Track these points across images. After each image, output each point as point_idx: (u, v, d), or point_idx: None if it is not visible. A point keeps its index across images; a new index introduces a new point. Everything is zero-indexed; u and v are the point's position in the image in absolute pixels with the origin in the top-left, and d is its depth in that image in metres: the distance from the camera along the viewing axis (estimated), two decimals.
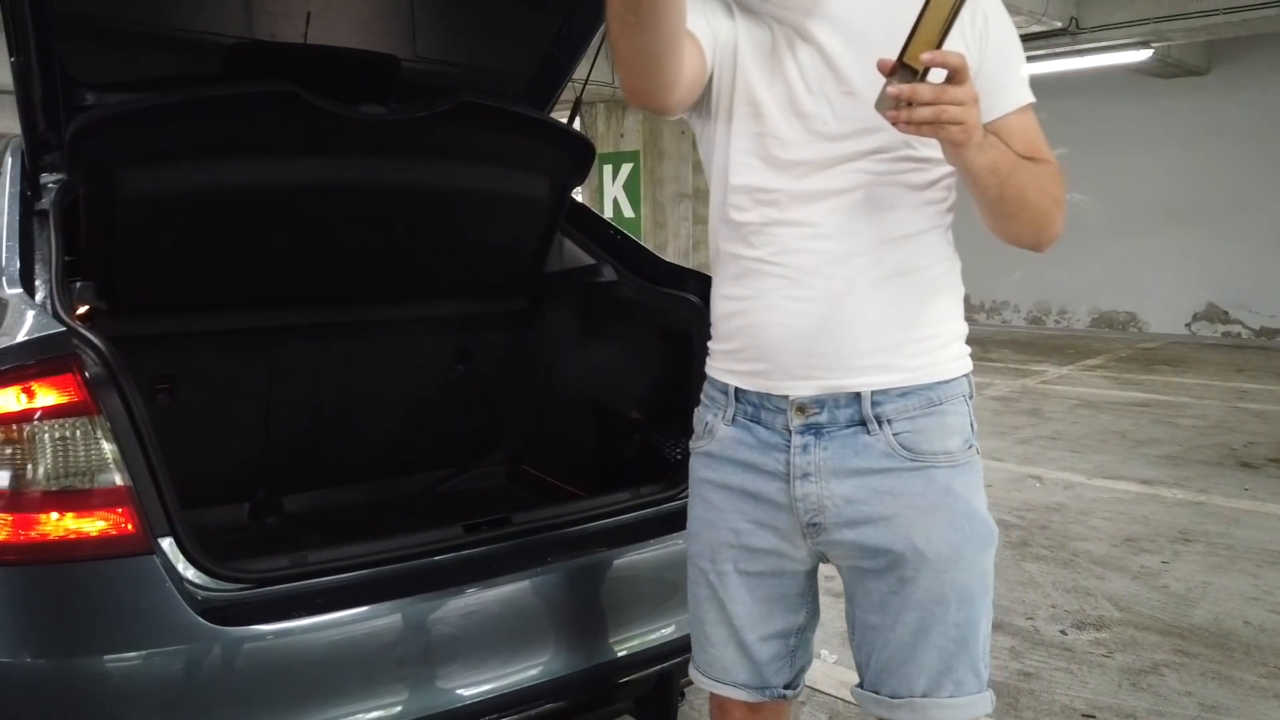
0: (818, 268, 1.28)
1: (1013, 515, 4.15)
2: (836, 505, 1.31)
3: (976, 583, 1.33)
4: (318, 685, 1.42)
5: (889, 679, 1.33)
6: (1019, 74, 1.30)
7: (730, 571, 1.40)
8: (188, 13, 1.99)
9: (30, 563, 1.32)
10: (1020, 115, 1.30)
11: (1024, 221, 1.28)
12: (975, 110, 1.11)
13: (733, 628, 1.41)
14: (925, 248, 1.32)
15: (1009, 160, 1.21)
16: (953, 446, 1.32)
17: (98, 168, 1.84)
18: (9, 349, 1.38)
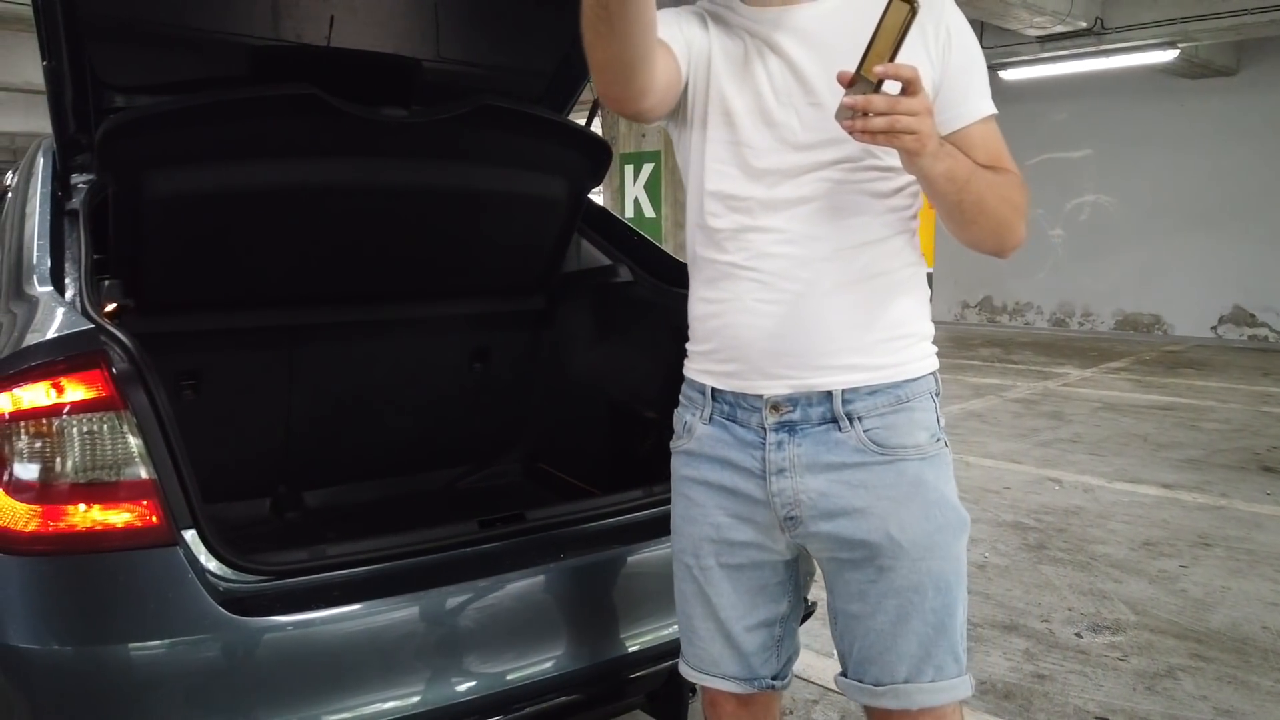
0: (787, 271, 1.33)
1: (1031, 518, 4.15)
2: (811, 499, 1.36)
3: (951, 569, 1.37)
4: (334, 675, 1.46)
5: (870, 667, 1.38)
6: (981, 86, 1.35)
7: (713, 565, 1.45)
8: (215, 15, 2.03)
9: (59, 553, 1.36)
10: (983, 126, 1.35)
11: (983, 228, 1.32)
12: (928, 120, 1.16)
13: (718, 620, 1.46)
14: (890, 252, 1.37)
15: (966, 168, 1.25)
16: (921, 440, 1.37)
17: (126, 168, 1.89)
18: (39, 345, 1.42)
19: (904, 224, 1.38)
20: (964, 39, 1.34)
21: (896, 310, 1.37)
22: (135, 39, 2.01)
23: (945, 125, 1.30)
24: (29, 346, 1.42)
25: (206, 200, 2.03)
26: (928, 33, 1.30)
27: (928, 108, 1.16)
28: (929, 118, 1.16)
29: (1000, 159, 1.34)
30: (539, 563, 1.67)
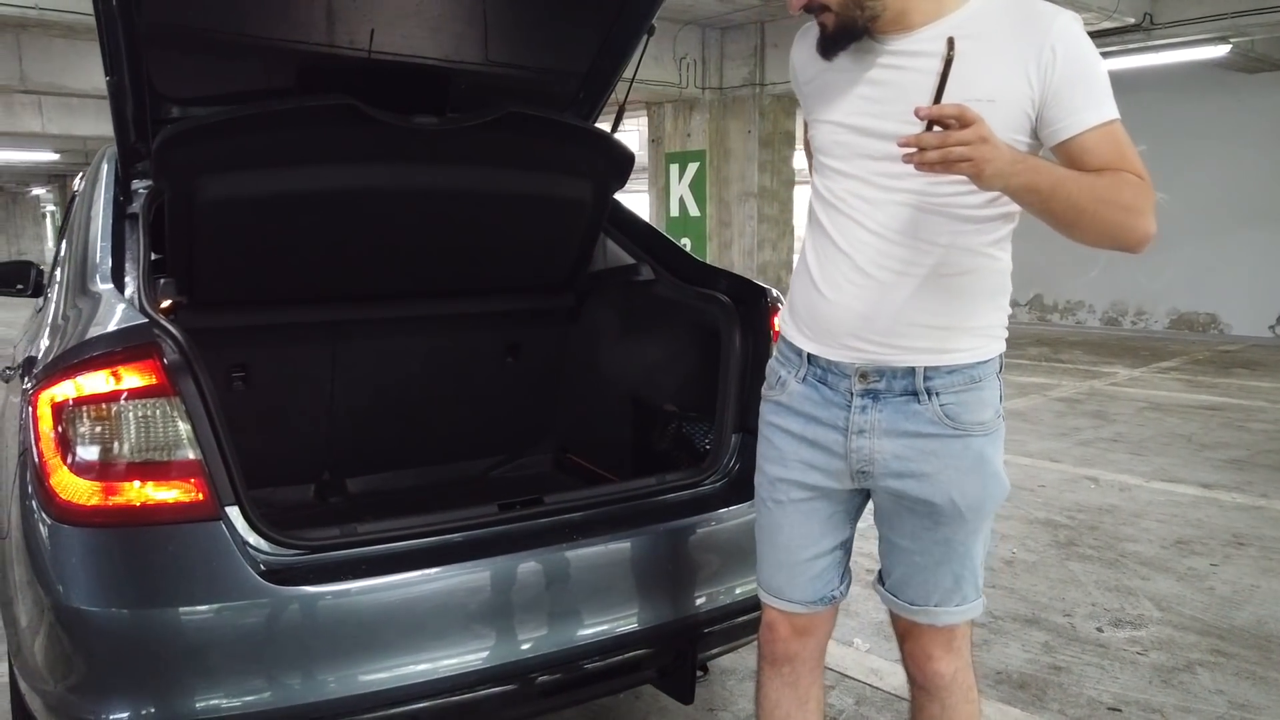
0: (879, 261, 1.52)
1: (1063, 515, 4.16)
2: (885, 460, 1.57)
3: (988, 525, 1.64)
4: (363, 640, 1.59)
5: (908, 589, 1.65)
6: (1090, 96, 1.43)
7: (786, 501, 1.67)
8: (269, 23, 2.14)
9: (116, 525, 1.51)
10: (1096, 133, 1.43)
11: (1087, 231, 1.44)
12: (983, 147, 1.29)
13: (786, 550, 1.69)
14: (975, 254, 1.52)
15: (1050, 180, 1.38)
16: (987, 417, 1.57)
17: (180, 175, 2.04)
18: (100, 337, 1.57)
19: (991, 229, 1.53)
20: (1071, 54, 1.42)
21: (976, 303, 1.55)
22: (191, 51, 2.15)
23: (1055, 136, 1.44)
24: (90, 339, 1.57)
25: (254, 204, 2.18)
26: (1033, 56, 1.41)
27: (982, 136, 1.28)
28: (984, 145, 1.28)
29: (1119, 162, 1.43)
30: (554, 543, 1.78)
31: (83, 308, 1.78)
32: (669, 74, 9.14)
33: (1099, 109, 1.43)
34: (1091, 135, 1.43)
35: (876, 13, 1.47)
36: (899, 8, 1.47)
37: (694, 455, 2.29)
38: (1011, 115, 1.44)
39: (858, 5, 1.47)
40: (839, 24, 1.50)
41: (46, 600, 1.50)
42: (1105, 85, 1.45)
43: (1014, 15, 1.46)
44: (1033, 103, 1.43)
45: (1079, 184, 1.39)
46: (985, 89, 1.41)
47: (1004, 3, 1.48)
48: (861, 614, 3.10)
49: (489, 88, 2.40)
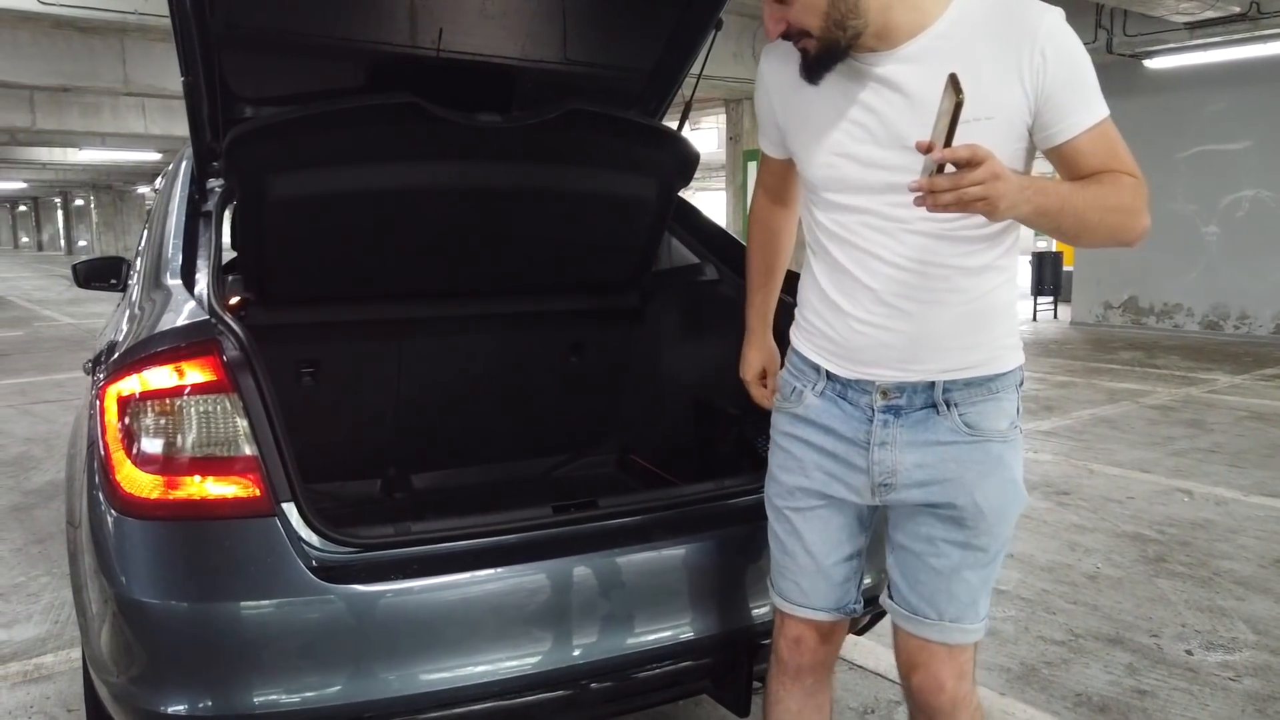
0: (897, 290, 1.51)
1: (1153, 529, 3.96)
2: (907, 470, 1.56)
3: (1007, 537, 1.61)
4: (411, 641, 1.58)
5: (922, 601, 1.60)
6: (1083, 97, 1.41)
7: (808, 509, 1.66)
8: (339, 22, 2.15)
9: (176, 518, 1.54)
10: (1089, 135, 1.42)
11: (1092, 239, 1.44)
12: (996, 184, 1.25)
13: (812, 555, 1.67)
14: (988, 275, 1.52)
15: (1057, 200, 1.36)
16: (1003, 426, 1.57)
17: (249, 174, 2.07)
18: (163, 333, 1.60)
19: (1002, 240, 1.52)
20: (1062, 55, 1.39)
21: (992, 320, 1.55)
22: (263, 51, 2.18)
23: (1049, 140, 1.42)
24: (153, 335, 1.60)
25: (322, 202, 2.21)
26: (1023, 61, 1.38)
27: (994, 173, 1.24)
28: (997, 181, 1.25)
29: (1113, 161, 1.42)
30: (609, 547, 1.75)
31: (154, 301, 1.82)
32: (748, 70, 9.04)
33: (1091, 109, 1.41)
34: (1085, 137, 1.41)
35: (859, 30, 1.42)
36: (880, 23, 1.42)
37: (756, 460, 2.24)
38: (1012, 129, 1.42)
39: (839, 26, 1.41)
40: (821, 48, 1.44)
41: (110, 591, 1.53)
42: (1094, 83, 1.42)
43: (998, 18, 1.42)
44: (1029, 110, 1.41)
45: (1083, 197, 1.38)
46: (982, 106, 1.35)
47: (985, 4, 1.44)
48: None
49: (555, 85, 2.38)
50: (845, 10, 1.40)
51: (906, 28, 1.43)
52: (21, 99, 11.91)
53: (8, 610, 3.20)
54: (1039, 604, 3.20)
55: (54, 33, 8.54)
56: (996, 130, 1.38)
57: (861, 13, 1.40)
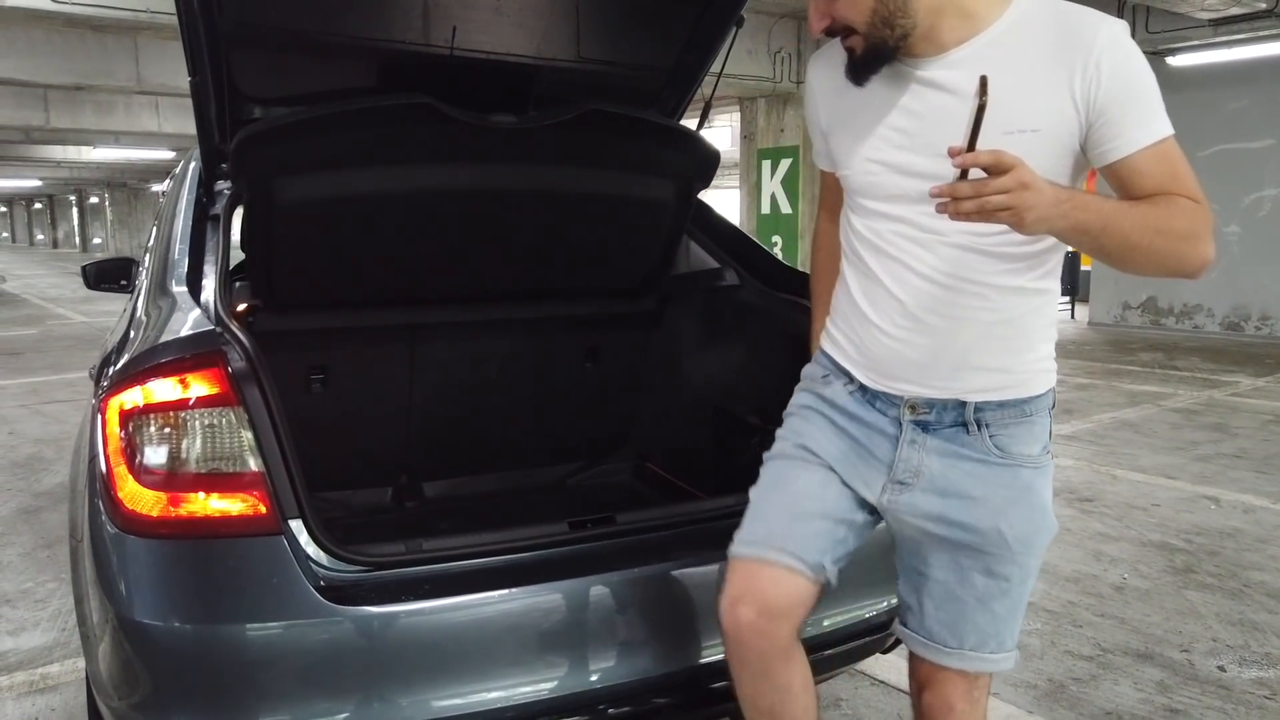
0: (929, 305, 1.45)
1: (1179, 539, 3.87)
2: (931, 473, 1.49)
3: (1035, 567, 1.54)
4: (420, 666, 1.52)
5: (940, 628, 1.54)
6: (1142, 114, 1.33)
7: (803, 461, 1.56)
8: (349, 21, 2.10)
9: (179, 537, 1.48)
10: (1147, 154, 1.33)
11: (1142, 263, 1.35)
12: (1023, 194, 1.19)
13: (800, 499, 1.54)
14: (1026, 292, 1.45)
15: (1099, 217, 1.28)
16: (1035, 451, 1.51)
17: (257, 176, 2.02)
18: (166, 344, 1.54)
19: (1043, 260, 1.45)
20: (1119, 71, 1.32)
21: (1028, 342, 1.48)
22: (272, 51, 2.12)
23: (1103, 158, 1.35)
24: (155, 346, 1.54)
25: (332, 205, 2.15)
26: (1075, 73, 1.32)
27: (1022, 181, 1.19)
28: (1024, 191, 1.19)
29: (1172, 183, 1.33)
30: (626, 566, 1.69)
31: (156, 311, 1.76)
32: (763, 68, 8.97)
33: (1150, 126, 1.33)
34: (1142, 156, 1.33)
35: (907, 30, 1.35)
36: (929, 25, 1.36)
37: None
38: (1058, 143, 1.35)
39: (886, 25, 1.35)
40: (868, 46, 1.38)
41: (110, 611, 1.48)
42: (1157, 99, 1.34)
43: (1055, 27, 1.35)
44: (1080, 125, 1.34)
45: (1131, 217, 1.30)
46: (1028, 118, 1.32)
47: (1043, 12, 1.37)
48: None
49: (572, 85, 2.32)
50: (893, 8, 1.34)
51: (957, 32, 1.37)
52: (36, 97, 11.91)
53: (14, 617, 3.16)
54: (1065, 617, 3.12)
55: (67, 31, 8.52)
56: (1042, 143, 1.33)
57: (910, 13, 1.34)
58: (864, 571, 1.86)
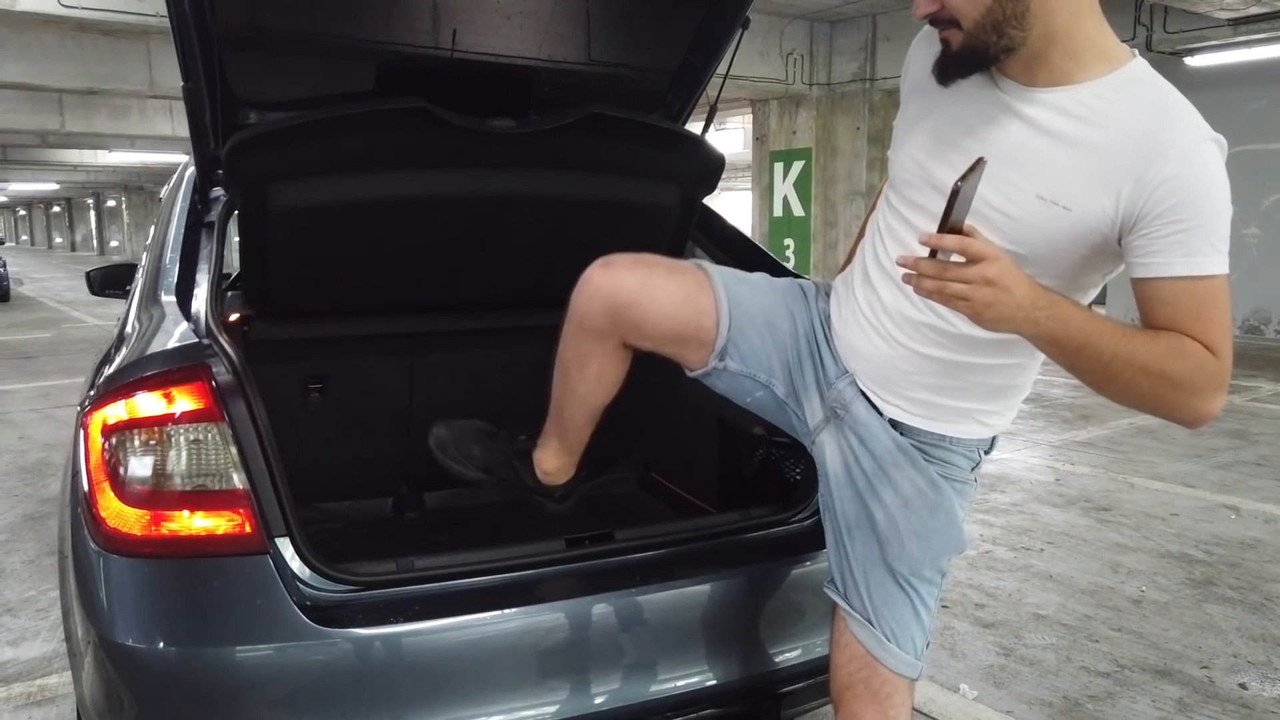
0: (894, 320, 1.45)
1: (1199, 549, 3.79)
2: (856, 418, 1.51)
3: (936, 577, 1.52)
4: (410, 691, 1.47)
5: (860, 598, 1.51)
6: (1194, 241, 1.20)
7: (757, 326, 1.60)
8: (346, 22, 2.05)
9: (163, 556, 1.43)
10: (1180, 285, 1.21)
11: (1117, 396, 1.27)
12: (987, 290, 1.15)
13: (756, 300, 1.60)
14: (996, 358, 1.41)
15: (1079, 334, 1.20)
16: (959, 465, 1.50)
17: (250, 183, 1.97)
18: (150, 357, 1.50)
19: (1012, 347, 1.38)
20: (1185, 184, 1.19)
21: (971, 392, 1.45)
22: (266, 54, 2.08)
23: (1133, 270, 1.25)
24: (139, 359, 1.50)
25: (327, 212, 2.11)
26: (1134, 168, 1.21)
27: (986, 278, 1.14)
28: (987, 287, 1.15)
29: (1195, 325, 1.21)
30: (625, 585, 1.64)
31: (149, 319, 1.73)
32: (775, 70, 8.90)
33: (1197, 259, 1.19)
34: (1175, 286, 1.21)
35: (1014, 44, 1.25)
36: (1036, 50, 1.26)
37: (783, 485, 2.11)
38: (1087, 230, 1.26)
39: (995, 30, 1.24)
40: (966, 46, 1.28)
41: (93, 632, 1.44)
42: (1218, 231, 1.20)
43: (1145, 113, 1.23)
44: (1113, 223, 1.23)
45: (1118, 344, 1.20)
46: (1069, 193, 1.24)
47: (1147, 93, 1.25)
48: (969, 655, 2.86)
49: (574, 87, 2.27)
50: (1009, 14, 1.23)
51: (1057, 71, 1.27)
52: (51, 102, 11.99)
53: (15, 626, 3.13)
54: (1081, 631, 3.04)
55: (80, 36, 8.55)
56: (1071, 224, 1.25)
57: (1026, 27, 1.23)
58: None
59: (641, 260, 1.60)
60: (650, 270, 1.58)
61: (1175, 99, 1.25)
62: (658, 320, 1.57)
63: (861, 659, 1.49)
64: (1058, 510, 4.31)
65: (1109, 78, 1.25)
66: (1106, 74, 1.25)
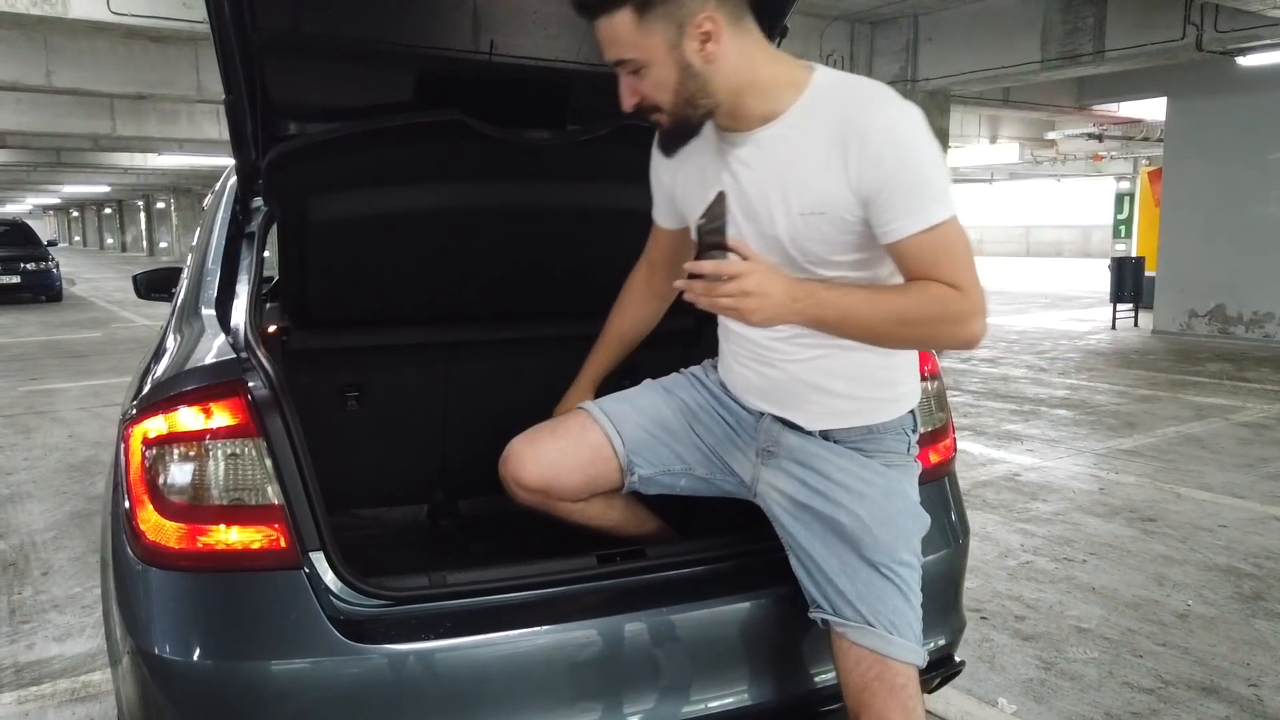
0: (759, 349, 1.64)
1: (1248, 562, 3.70)
2: (791, 445, 1.64)
3: (911, 559, 1.61)
4: (444, 706, 1.48)
5: (848, 604, 1.57)
6: (913, 200, 1.39)
7: (672, 392, 1.84)
8: (385, 28, 2.05)
9: (200, 569, 1.45)
10: (916, 240, 1.40)
11: (894, 346, 1.55)
12: (748, 300, 1.35)
13: (639, 407, 1.82)
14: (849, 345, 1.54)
15: (836, 312, 1.41)
16: (895, 449, 1.64)
17: (290, 195, 2.00)
18: (188, 373, 1.53)
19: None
20: (890, 156, 1.38)
21: (853, 380, 1.60)
22: (305, 64, 2.09)
23: (880, 239, 1.43)
24: (178, 375, 1.53)
25: (365, 223, 2.13)
26: (849, 158, 1.39)
27: (744, 290, 1.34)
28: (746, 297, 1.35)
29: (936, 269, 1.40)
30: (656, 604, 1.63)
31: (184, 335, 1.75)
32: None
33: (921, 214, 1.38)
34: (910, 242, 1.40)
35: (710, 109, 1.46)
36: (732, 104, 1.46)
37: None
38: (843, 223, 1.44)
39: (690, 104, 1.45)
40: (673, 123, 1.49)
41: (130, 643, 1.46)
42: (931, 184, 1.39)
43: (839, 109, 1.42)
44: (857, 206, 1.42)
45: (874, 307, 1.42)
46: (816, 201, 1.43)
47: (834, 90, 1.45)
48: (1008, 668, 2.82)
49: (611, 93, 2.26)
50: (695, 89, 1.43)
51: (761, 111, 1.46)
52: (102, 107, 12.27)
53: (61, 623, 3.20)
54: (1124, 645, 2.98)
55: (130, 43, 8.74)
56: (829, 224, 1.44)
57: (711, 93, 1.44)
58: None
59: (529, 439, 1.83)
60: (536, 443, 1.81)
61: (861, 87, 1.44)
62: (570, 480, 1.77)
63: (869, 659, 1.53)
64: (1101, 520, 4.23)
65: (803, 97, 1.45)
66: (800, 96, 1.45)
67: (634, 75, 1.44)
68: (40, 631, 3.13)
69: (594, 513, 1.84)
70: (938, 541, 1.88)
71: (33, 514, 4.42)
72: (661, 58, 1.40)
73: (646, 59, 1.41)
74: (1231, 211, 10.04)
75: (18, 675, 2.82)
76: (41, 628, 3.16)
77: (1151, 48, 7.49)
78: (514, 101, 2.11)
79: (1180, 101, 10.37)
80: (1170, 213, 10.84)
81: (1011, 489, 4.76)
